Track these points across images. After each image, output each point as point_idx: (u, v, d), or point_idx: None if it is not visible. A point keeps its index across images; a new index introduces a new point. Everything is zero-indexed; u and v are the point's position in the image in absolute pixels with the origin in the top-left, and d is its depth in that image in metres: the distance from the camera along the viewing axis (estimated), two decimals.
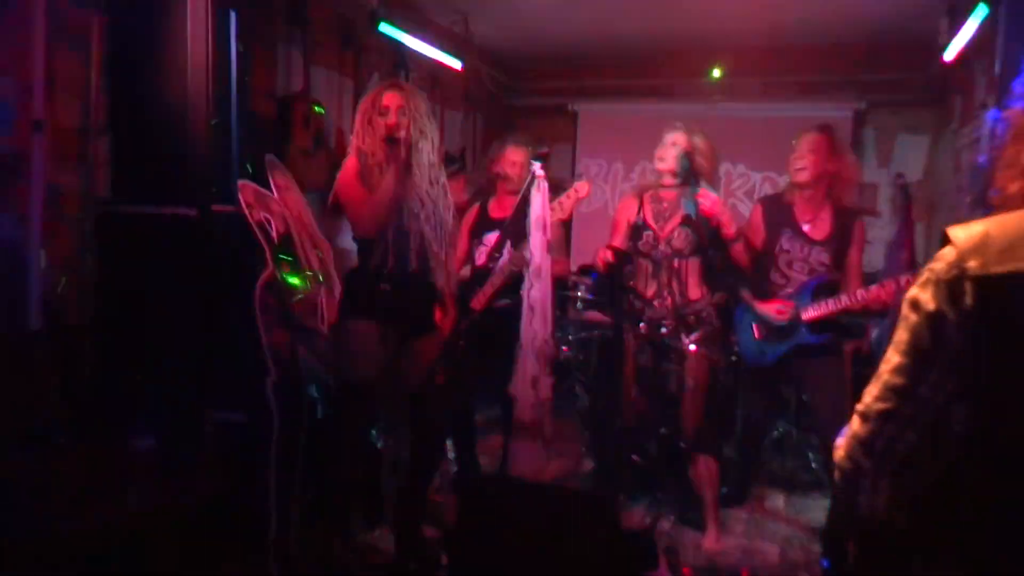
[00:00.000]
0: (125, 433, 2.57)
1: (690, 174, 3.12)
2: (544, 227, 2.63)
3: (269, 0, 3.97)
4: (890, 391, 1.33)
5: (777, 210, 3.36)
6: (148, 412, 2.66)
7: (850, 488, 1.41)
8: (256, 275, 2.86)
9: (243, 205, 2.90)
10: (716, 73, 6.14)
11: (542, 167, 2.72)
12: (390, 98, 2.72)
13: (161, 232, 2.84)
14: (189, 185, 2.87)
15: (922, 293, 1.30)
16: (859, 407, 1.40)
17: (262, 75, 3.89)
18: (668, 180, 3.22)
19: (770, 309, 3.28)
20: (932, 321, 1.28)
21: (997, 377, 1.25)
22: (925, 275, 1.31)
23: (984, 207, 1.37)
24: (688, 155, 3.11)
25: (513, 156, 3.54)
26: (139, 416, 2.63)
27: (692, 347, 3.11)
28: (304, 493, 2.87)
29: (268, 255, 2.93)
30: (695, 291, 3.19)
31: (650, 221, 3.24)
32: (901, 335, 1.33)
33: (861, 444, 1.37)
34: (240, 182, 2.93)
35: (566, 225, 3.95)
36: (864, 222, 3.36)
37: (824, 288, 3.23)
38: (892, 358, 1.34)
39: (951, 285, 1.26)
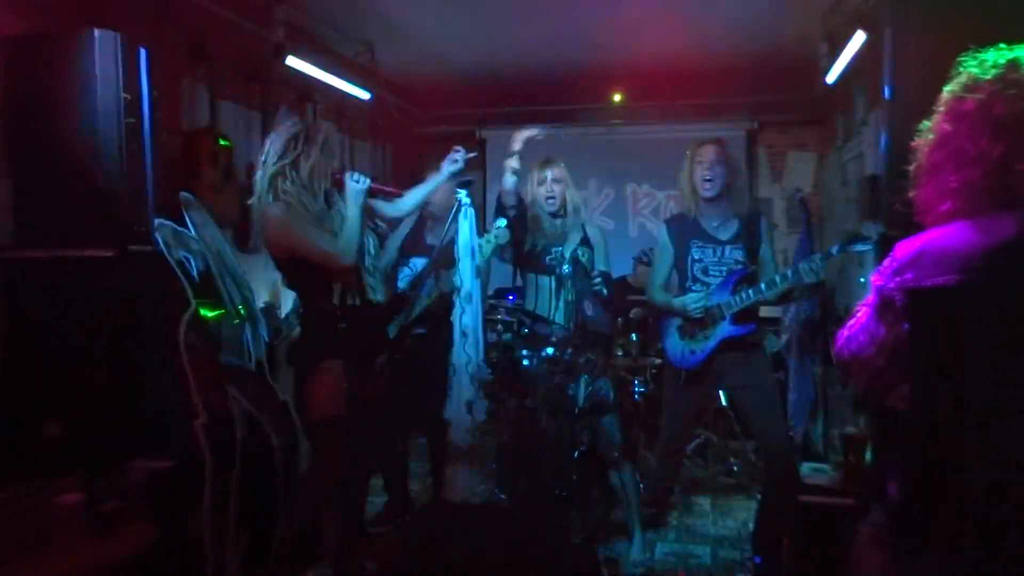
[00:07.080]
0: (47, 490, 2.43)
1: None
2: (473, 253, 2.68)
3: (171, 35, 3.89)
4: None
5: (683, 224, 3.41)
6: (70, 467, 2.52)
7: (876, 389, 1.55)
8: (177, 316, 2.79)
9: (161, 244, 2.83)
10: (617, 98, 6.38)
11: (468, 195, 2.78)
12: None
13: (74, 276, 2.72)
14: (103, 226, 2.76)
15: (876, 281, 1.46)
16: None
17: (167, 111, 3.79)
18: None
19: (688, 300, 3.29)
20: (879, 313, 1.45)
21: (928, 371, 1.40)
22: (878, 274, 1.46)
23: (872, 216, 1.52)
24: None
25: None
26: (61, 471, 2.50)
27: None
28: (240, 536, 2.80)
29: (189, 294, 2.87)
30: (595, 310, 3.23)
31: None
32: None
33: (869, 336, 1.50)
34: (157, 221, 2.86)
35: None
36: (765, 220, 3.46)
37: (742, 281, 3.27)
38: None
39: (889, 293, 1.42)
